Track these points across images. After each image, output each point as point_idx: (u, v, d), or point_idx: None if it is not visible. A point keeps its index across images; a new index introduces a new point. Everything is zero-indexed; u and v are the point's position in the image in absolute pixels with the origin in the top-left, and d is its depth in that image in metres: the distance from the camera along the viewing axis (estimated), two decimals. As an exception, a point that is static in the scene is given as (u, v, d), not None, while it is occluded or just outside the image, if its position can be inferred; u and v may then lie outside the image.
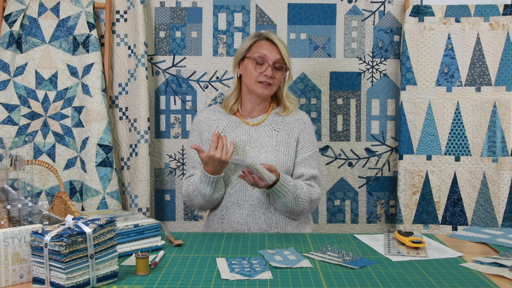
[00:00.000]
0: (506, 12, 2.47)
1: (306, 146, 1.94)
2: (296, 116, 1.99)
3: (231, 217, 1.88)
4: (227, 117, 1.98)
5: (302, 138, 1.94)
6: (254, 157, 1.88)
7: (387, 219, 2.66)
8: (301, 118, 1.98)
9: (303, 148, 1.93)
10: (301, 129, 1.95)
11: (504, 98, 2.46)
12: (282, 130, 1.94)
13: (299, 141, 1.94)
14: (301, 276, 1.30)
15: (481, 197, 2.48)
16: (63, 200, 1.60)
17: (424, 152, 2.51)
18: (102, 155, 2.47)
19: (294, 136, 1.93)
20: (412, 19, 2.51)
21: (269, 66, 1.87)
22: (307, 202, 1.84)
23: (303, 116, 2.00)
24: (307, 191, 1.84)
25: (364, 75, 2.63)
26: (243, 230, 1.87)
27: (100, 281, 1.21)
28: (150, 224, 1.52)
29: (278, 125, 1.95)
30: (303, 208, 1.84)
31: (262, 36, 1.93)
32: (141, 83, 2.52)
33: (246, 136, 1.93)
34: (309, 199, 1.84)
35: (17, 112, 2.52)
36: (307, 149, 1.94)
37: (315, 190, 1.88)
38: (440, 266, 1.40)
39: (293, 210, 1.84)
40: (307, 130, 1.97)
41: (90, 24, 2.51)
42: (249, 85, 1.91)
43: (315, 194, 1.88)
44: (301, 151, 1.93)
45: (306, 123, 1.98)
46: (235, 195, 1.88)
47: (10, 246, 1.23)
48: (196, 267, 1.37)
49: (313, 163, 1.93)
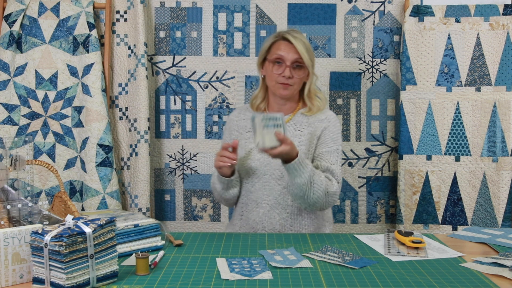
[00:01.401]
0: (506, 12, 2.47)
1: (326, 142, 1.88)
2: (321, 116, 1.93)
3: (249, 214, 1.90)
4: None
5: (323, 134, 1.89)
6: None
7: (387, 219, 2.66)
8: (326, 118, 1.93)
9: (322, 144, 1.88)
10: (324, 127, 1.90)
11: (504, 98, 2.46)
12: (305, 131, 1.90)
13: (320, 138, 1.89)
14: (301, 276, 1.30)
15: (481, 197, 2.48)
16: (63, 200, 1.60)
17: (424, 152, 2.51)
18: (102, 155, 2.47)
19: (316, 135, 1.89)
20: (412, 19, 2.51)
21: (287, 67, 1.85)
22: (322, 191, 1.76)
23: (328, 115, 1.94)
24: (324, 180, 1.77)
25: (364, 75, 2.63)
26: (258, 229, 1.88)
27: (100, 281, 1.21)
28: (150, 224, 1.52)
29: (303, 125, 1.92)
30: (318, 197, 1.76)
31: (280, 36, 1.90)
32: (141, 83, 2.52)
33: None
34: (325, 190, 1.77)
35: (17, 112, 2.52)
36: (326, 145, 1.88)
37: (332, 183, 1.80)
38: (440, 266, 1.40)
39: (308, 197, 1.76)
40: (331, 128, 1.90)
41: (90, 24, 2.51)
42: (271, 87, 1.91)
43: (332, 187, 1.79)
44: (320, 146, 1.88)
45: (331, 121, 1.92)
46: (255, 193, 1.89)
47: (10, 246, 1.23)
48: (196, 267, 1.37)
49: (331, 159, 1.86)
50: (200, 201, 2.67)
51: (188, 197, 2.67)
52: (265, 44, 1.94)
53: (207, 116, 2.65)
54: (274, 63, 1.87)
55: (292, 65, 1.85)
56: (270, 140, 1.65)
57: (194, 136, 2.66)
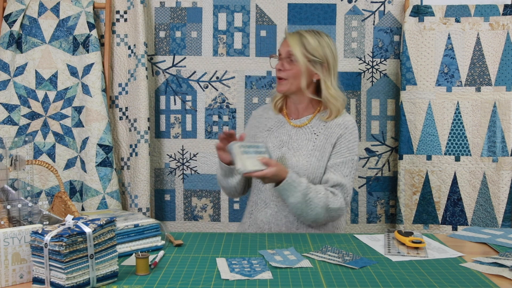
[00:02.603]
0: (506, 12, 2.47)
1: (341, 151, 1.84)
2: (339, 120, 1.88)
3: (257, 213, 1.90)
4: (276, 116, 1.98)
5: (339, 143, 1.84)
6: (288, 159, 1.85)
7: (387, 219, 2.66)
8: (344, 123, 1.87)
9: (336, 153, 1.84)
10: (340, 134, 1.85)
11: (504, 98, 2.46)
12: (321, 135, 1.86)
13: (335, 146, 1.84)
14: (301, 276, 1.30)
15: (481, 197, 2.48)
16: (63, 200, 1.60)
17: (424, 152, 2.51)
18: (102, 155, 2.47)
19: (331, 142, 1.85)
20: (412, 19, 2.51)
21: (280, 59, 1.87)
22: (321, 208, 1.75)
23: (346, 121, 1.88)
24: (323, 196, 1.75)
25: (364, 75, 2.63)
26: (265, 230, 1.88)
27: (100, 281, 1.21)
28: (150, 224, 1.52)
29: (319, 128, 1.88)
30: (316, 213, 1.76)
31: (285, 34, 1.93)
32: (141, 83, 2.52)
33: (286, 137, 1.91)
34: (324, 206, 1.75)
35: (17, 112, 2.52)
36: (341, 155, 1.83)
37: (336, 199, 1.77)
38: (440, 266, 1.40)
39: (306, 215, 1.77)
40: (347, 136, 1.85)
41: (90, 24, 2.51)
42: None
43: (335, 202, 1.76)
44: (334, 156, 1.84)
45: (348, 128, 1.86)
46: (264, 193, 1.89)
47: (10, 246, 1.23)
48: (196, 267, 1.37)
49: (344, 171, 1.81)
50: (200, 201, 2.67)
51: (188, 197, 2.67)
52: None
53: (207, 116, 2.65)
54: (277, 60, 1.91)
55: (285, 58, 1.86)
56: (252, 164, 1.68)
57: (194, 136, 2.66)
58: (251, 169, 1.67)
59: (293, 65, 1.86)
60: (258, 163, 1.69)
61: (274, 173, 1.69)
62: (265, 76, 2.63)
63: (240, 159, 1.68)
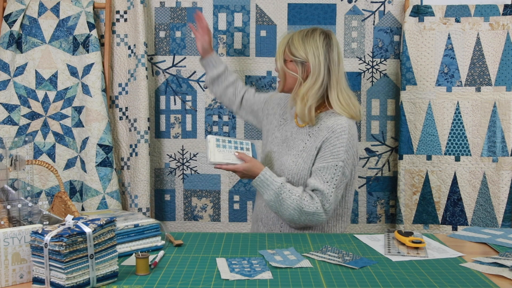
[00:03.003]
0: (506, 12, 2.47)
1: (324, 156, 1.78)
2: (329, 123, 1.81)
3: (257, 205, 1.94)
4: (290, 111, 1.98)
5: (324, 147, 1.79)
6: (279, 157, 1.88)
7: (387, 219, 2.66)
8: (332, 127, 1.79)
9: (320, 158, 1.79)
10: (326, 138, 1.79)
11: (504, 98, 2.46)
12: (313, 136, 1.83)
13: (320, 150, 1.80)
14: (301, 276, 1.30)
15: (481, 197, 2.48)
16: (63, 200, 1.60)
17: (424, 152, 2.51)
18: (102, 155, 2.47)
19: (316, 145, 1.81)
20: (412, 19, 2.51)
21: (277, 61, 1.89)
22: (294, 209, 1.73)
23: (336, 124, 1.79)
24: (297, 198, 1.72)
25: (364, 75, 2.63)
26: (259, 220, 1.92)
27: (100, 281, 1.21)
28: (150, 224, 1.52)
29: (314, 130, 1.85)
30: (290, 214, 1.75)
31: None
32: (141, 83, 2.52)
33: (288, 133, 1.93)
34: (297, 208, 1.73)
35: (17, 112, 2.52)
36: (323, 160, 1.77)
37: (312, 203, 1.73)
38: (440, 266, 1.40)
39: (281, 214, 1.78)
40: (332, 141, 1.77)
41: (90, 24, 2.51)
42: None
43: (310, 206, 1.73)
44: (318, 160, 1.79)
45: (335, 132, 1.77)
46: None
47: (10, 246, 1.23)
48: (196, 267, 1.37)
49: (325, 176, 1.75)
50: (200, 201, 2.67)
51: (188, 197, 2.67)
52: None
53: (207, 116, 2.65)
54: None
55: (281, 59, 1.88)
56: (224, 157, 1.75)
57: (194, 136, 2.66)
58: (220, 161, 1.71)
59: (288, 65, 1.88)
60: (232, 157, 1.75)
61: (246, 168, 1.75)
62: (265, 76, 2.63)
63: (211, 151, 1.74)
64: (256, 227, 2.01)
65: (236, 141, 1.82)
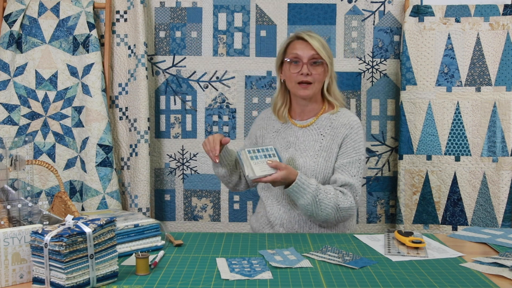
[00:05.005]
0: (506, 12, 2.47)
1: (347, 152, 1.84)
2: (344, 120, 1.88)
3: (269, 208, 1.91)
4: (275, 121, 2.00)
5: (345, 143, 1.85)
6: (295, 160, 1.86)
7: (387, 219, 2.66)
8: (349, 123, 1.87)
9: (343, 154, 1.84)
10: (346, 134, 1.86)
11: (504, 98, 2.46)
12: (328, 135, 1.87)
13: (341, 147, 1.85)
14: (301, 276, 1.30)
15: (481, 197, 2.48)
16: (63, 200, 1.60)
17: (424, 152, 2.51)
18: (102, 155, 2.47)
19: (338, 142, 1.86)
20: (412, 19, 2.51)
21: (304, 64, 1.83)
22: (331, 208, 1.75)
23: (352, 121, 1.88)
24: (333, 196, 1.75)
25: (364, 75, 2.63)
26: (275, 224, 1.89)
27: (100, 281, 1.21)
28: (150, 224, 1.52)
29: (325, 129, 1.88)
30: (327, 214, 1.76)
31: (295, 36, 1.89)
32: (141, 83, 2.52)
33: (293, 138, 1.91)
34: (335, 206, 1.75)
35: (17, 112, 2.52)
36: (348, 155, 1.84)
37: (345, 198, 1.78)
38: (440, 266, 1.40)
39: (317, 215, 1.77)
40: (352, 136, 1.86)
41: (90, 24, 2.51)
42: (291, 88, 1.89)
43: (345, 202, 1.77)
44: (341, 156, 1.84)
45: (354, 128, 1.87)
46: (275, 189, 1.89)
47: (10, 246, 1.23)
48: (196, 267, 1.37)
49: (351, 171, 1.82)
50: (200, 201, 2.67)
51: (188, 197, 2.67)
52: (281, 47, 1.94)
53: (207, 116, 2.65)
54: (291, 63, 1.86)
55: (309, 62, 1.83)
56: (261, 169, 1.70)
57: (194, 136, 2.66)
58: (260, 174, 1.68)
59: (318, 68, 1.85)
60: (267, 167, 1.70)
61: (284, 176, 1.70)
62: (265, 76, 2.63)
63: (248, 165, 1.69)
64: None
65: (262, 149, 1.77)
